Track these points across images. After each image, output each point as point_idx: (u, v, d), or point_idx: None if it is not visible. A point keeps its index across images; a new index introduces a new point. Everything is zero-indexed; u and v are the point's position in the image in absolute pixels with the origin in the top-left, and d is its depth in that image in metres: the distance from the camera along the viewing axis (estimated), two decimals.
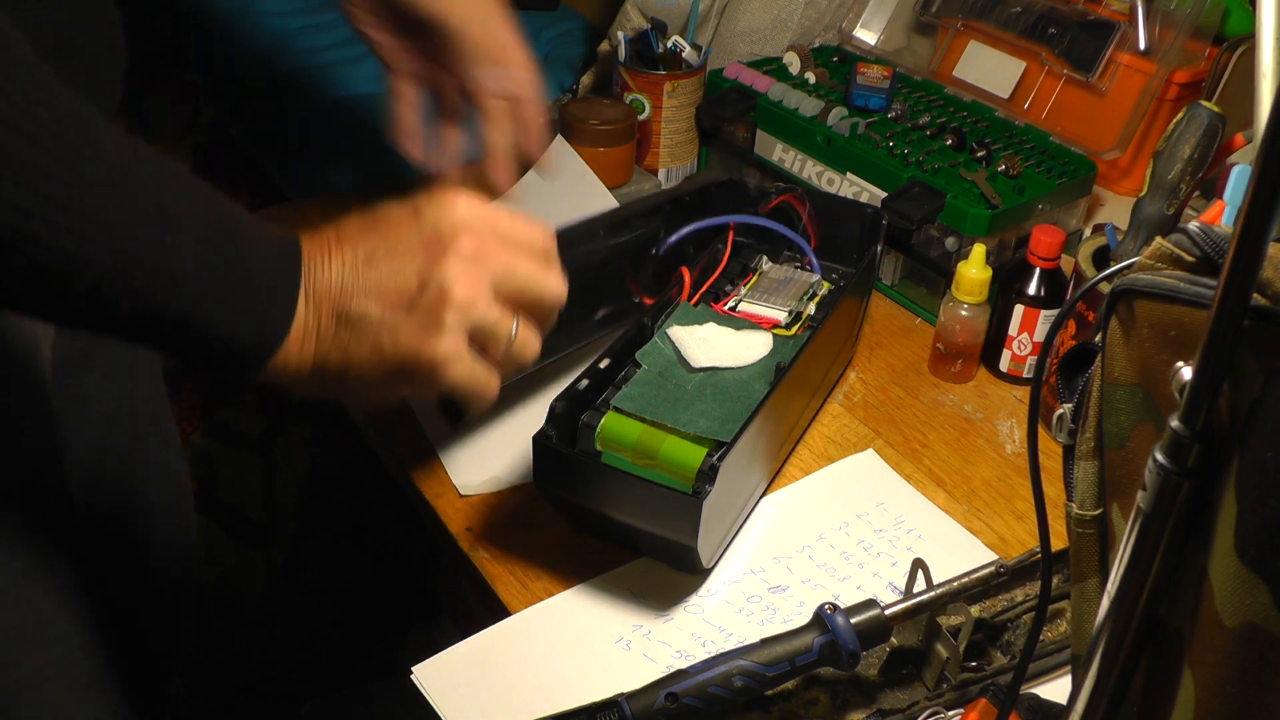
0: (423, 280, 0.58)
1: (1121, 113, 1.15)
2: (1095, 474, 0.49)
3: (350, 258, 0.58)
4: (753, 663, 0.66)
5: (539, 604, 0.76)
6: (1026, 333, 0.97)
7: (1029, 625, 0.73)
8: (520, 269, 0.61)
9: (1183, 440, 0.39)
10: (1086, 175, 1.09)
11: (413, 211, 0.60)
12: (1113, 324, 0.45)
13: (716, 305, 0.92)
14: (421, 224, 0.59)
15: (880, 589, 0.78)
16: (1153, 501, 0.40)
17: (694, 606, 0.77)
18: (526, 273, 0.62)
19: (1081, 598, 0.51)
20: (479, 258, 0.60)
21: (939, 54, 1.28)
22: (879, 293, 1.10)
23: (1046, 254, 0.95)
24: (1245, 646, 0.38)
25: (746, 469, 0.80)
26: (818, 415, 0.95)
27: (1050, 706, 0.67)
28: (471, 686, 0.70)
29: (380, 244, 0.59)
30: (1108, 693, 0.45)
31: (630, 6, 1.31)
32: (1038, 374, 0.55)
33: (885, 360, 1.02)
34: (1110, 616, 0.44)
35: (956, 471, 0.90)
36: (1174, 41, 1.14)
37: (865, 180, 1.09)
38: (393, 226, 0.60)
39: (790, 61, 1.24)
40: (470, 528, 0.82)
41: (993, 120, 1.16)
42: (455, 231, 0.59)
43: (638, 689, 0.65)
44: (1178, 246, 0.42)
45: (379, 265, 0.58)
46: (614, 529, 0.78)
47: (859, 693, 0.71)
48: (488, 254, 0.60)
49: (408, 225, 0.59)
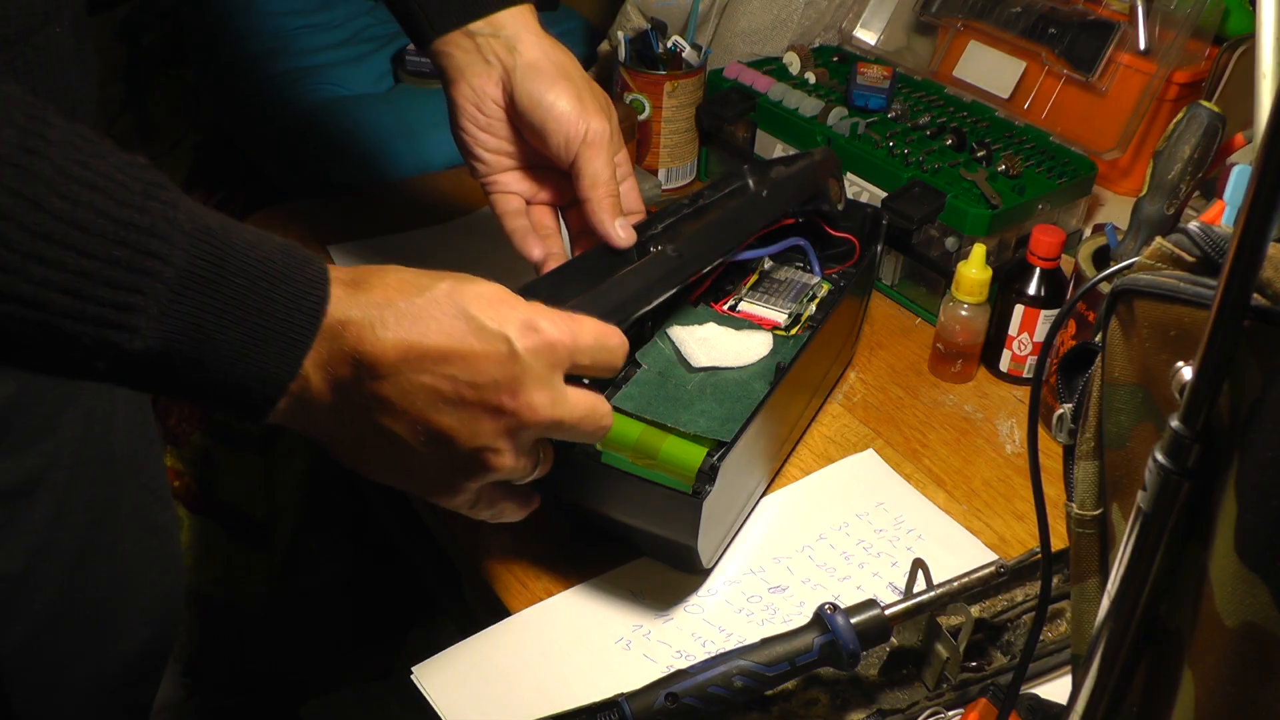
0: (477, 442, 0.54)
1: (1121, 113, 1.15)
2: (1095, 474, 0.49)
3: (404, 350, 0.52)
4: (753, 663, 0.66)
5: (539, 604, 0.76)
6: (1026, 333, 0.97)
7: (1029, 625, 0.73)
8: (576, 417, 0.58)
9: (1183, 440, 0.39)
10: (1086, 175, 1.09)
11: (506, 351, 0.54)
12: (1113, 324, 0.45)
13: (716, 305, 0.92)
14: (509, 367, 0.54)
15: (880, 589, 0.78)
16: (1153, 501, 0.40)
17: (694, 606, 0.77)
18: (579, 418, 0.58)
19: (1081, 598, 0.51)
20: (542, 424, 0.56)
21: (939, 54, 1.28)
22: (879, 293, 1.10)
23: (1046, 254, 0.95)
24: (1245, 646, 0.38)
25: (746, 469, 0.80)
26: (818, 415, 0.95)
27: (1050, 706, 0.67)
28: (471, 686, 0.70)
29: (454, 368, 0.53)
30: (1108, 693, 0.45)
31: (630, 6, 1.31)
32: (1038, 374, 0.55)
33: (885, 360, 1.02)
34: (1110, 616, 0.44)
35: (956, 471, 0.90)
36: (1174, 41, 1.14)
37: (865, 180, 1.09)
38: (476, 359, 0.53)
39: (790, 61, 1.24)
40: (470, 528, 0.82)
41: (993, 120, 1.16)
42: (529, 390, 0.55)
43: (638, 689, 0.65)
44: (1178, 246, 0.42)
45: (440, 391, 0.53)
46: (614, 529, 0.78)
47: (859, 693, 0.71)
48: (556, 408, 0.56)
49: (493, 365, 0.54)
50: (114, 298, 0.44)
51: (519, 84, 0.78)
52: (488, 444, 0.55)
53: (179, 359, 0.46)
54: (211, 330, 0.47)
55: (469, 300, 0.54)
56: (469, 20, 0.78)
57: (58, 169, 0.43)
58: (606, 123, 0.79)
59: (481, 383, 0.53)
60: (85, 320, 0.44)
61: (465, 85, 0.79)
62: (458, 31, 0.78)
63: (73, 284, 0.43)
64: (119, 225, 0.44)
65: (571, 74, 0.79)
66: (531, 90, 0.78)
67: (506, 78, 0.79)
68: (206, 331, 0.47)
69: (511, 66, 0.78)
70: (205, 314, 0.46)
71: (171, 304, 0.45)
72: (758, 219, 0.88)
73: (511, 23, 0.79)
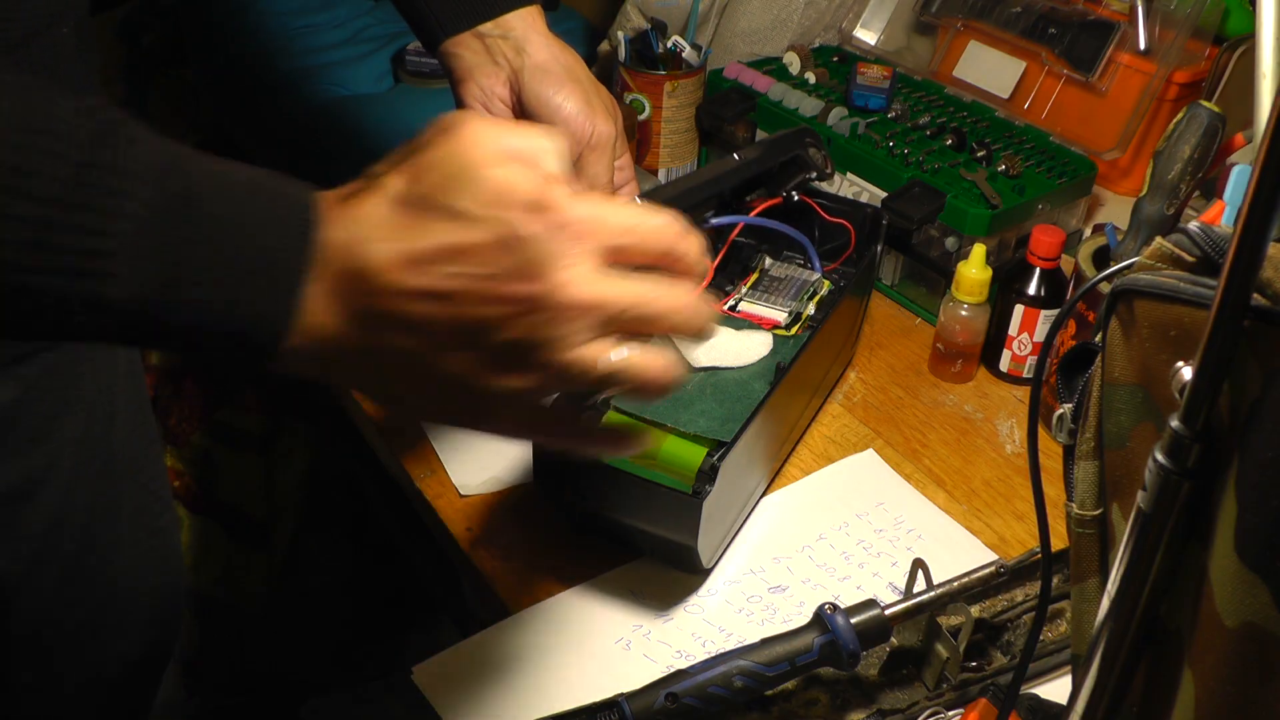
0: (507, 334, 0.47)
1: (1121, 113, 1.15)
2: (1095, 474, 0.49)
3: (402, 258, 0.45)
4: (753, 663, 0.66)
5: (539, 604, 0.76)
6: (1026, 333, 0.97)
7: (1029, 625, 0.73)
8: (646, 303, 0.49)
9: (1183, 440, 0.39)
10: (1086, 175, 1.09)
11: (509, 234, 0.46)
12: (1113, 324, 0.45)
13: (716, 305, 0.92)
14: (521, 252, 0.46)
15: (880, 589, 0.78)
16: (1153, 501, 0.40)
17: (694, 606, 0.77)
18: (652, 308, 0.49)
19: (1081, 598, 0.51)
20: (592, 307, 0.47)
21: (939, 54, 1.28)
22: (879, 293, 1.10)
23: (1046, 254, 0.95)
24: (1245, 646, 0.38)
25: (746, 469, 0.80)
26: (818, 415, 0.95)
27: (1050, 706, 0.67)
28: (471, 686, 0.70)
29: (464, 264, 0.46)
30: (1108, 693, 0.45)
31: (630, 6, 1.31)
32: (1038, 374, 0.55)
33: (885, 360, 1.02)
34: (1110, 616, 0.44)
35: (956, 471, 0.90)
36: (1174, 41, 1.14)
37: (865, 180, 1.09)
38: (477, 251, 0.46)
39: (790, 61, 1.24)
40: (470, 528, 0.82)
41: (993, 120, 1.16)
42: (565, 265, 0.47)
43: (638, 689, 0.65)
44: (1178, 246, 0.42)
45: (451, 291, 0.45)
46: (614, 529, 0.78)
47: (859, 693, 0.71)
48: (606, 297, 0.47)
49: (497, 252, 0.46)
50: (81, 244, 0.41)
51: (527, 85, 0.78)
52: (525, 336, 0.47)
53: (165, 304, 0.43)
54: (196, 267, 0.43)
55: (466, 184, 0.47)
56: (478, 22, 0.78)
57: (3, 120, 0.41)
58: (612, 126, 0.79)
59: (490, 273, 0.46)
60: (57, 272, 0.41)
61: (474, 85, 0.79)
62: (467, 33, 0.78)
63: (36, 236, 0.41)
64: (75, 168, 0.41)
65: (579, 76, 0.79)
66: (539, 91, 0.78)
67: (515, 78, 0.79)
68: (188, 268, 0.43)
69: (520, 68, 0.78)
70: (183, 251, 0.43)
71: (144, 244, 0.42)
72: (731, 176, 0.88)
73: (520, 24, 0.79)
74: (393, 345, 0.47)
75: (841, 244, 0.98)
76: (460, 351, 0.47)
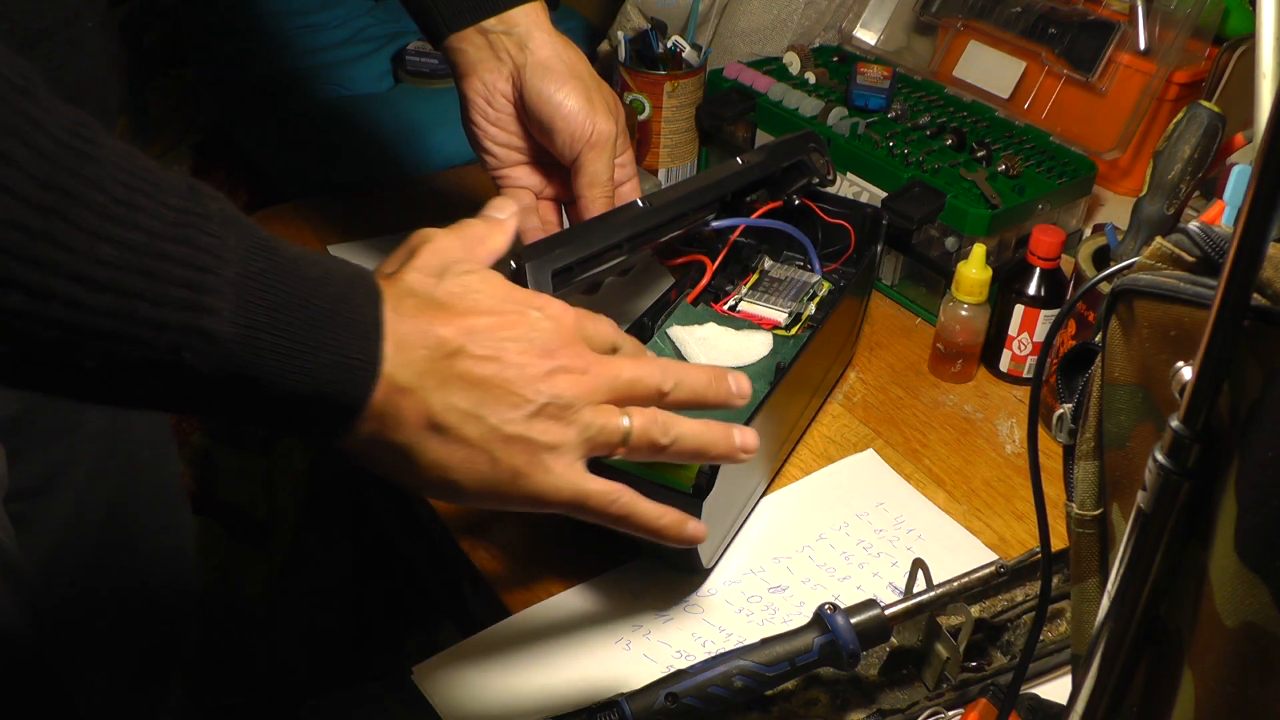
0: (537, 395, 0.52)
1: (1121, 113, 1.15)
2: (1095, 474, 0.49)
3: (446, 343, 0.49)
4: (753, 663, 0.66)
5: (539, 604, 0.76)
6: (1026, 333, 0.97)
7: (1029, 625, 0.73)
8: (623, 373, 0.56)
9: (1183, 440, 0.39)
10: (1086, 175, 1.09)
11: (521, 309, 0.52)
12: (1113, 324, 0.45)
13: (716, 305, 0.92)
14: (540, 328, 0.52)
15: (880, 589, 0.78)
16: (1153, 501, 0.40)
17: (694, 606, 0.77)
18: (629, 376, 0.57)
19: (1081, 598, 0.51)
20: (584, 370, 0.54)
21: (939, 54, 1.28)
22: (879, 293, 1.10)
23: (1046, 254, 0.95)
24: (1245, 646, 0.38)
25: (746, 469, 0.80)
26: (818, 415, 0.95)
27: (1050, 706, 0.67)
28: (471, 686, 0.70)
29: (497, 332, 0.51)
30: (1108, 693, 0.45)
31: (630, 6, 1.31)
32: (1038, 374, 0.55)
33: (885, 360, 1.02)
34: (1110, 616, 0.44)
35: (956, 471, 0.90)
36: (1174, 41, 1.14)
37: (865, 180, 1.09)
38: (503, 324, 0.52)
39: (790, 61, 1.24)
40: (470, 528, 0.82)
41: (993, 120, 1.16)
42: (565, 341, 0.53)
43: (638, 689, 0.65)
44: (1178, 246, 0.42)
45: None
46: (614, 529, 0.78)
47: (859, 693, 0.71)
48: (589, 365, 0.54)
49: (523, 324, 0.52)
50: (188, 277, 0.41)
51: (529, 81, 0.78)
52: (551, 397, 0.52)
53: (264, 344, 0.43)
54: (290, 310, 0.44)
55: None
56: (482, 17, 0.79)
57: (111, 161, 0.41)
58: (613, 124, 0.79)
59: (511, 337, 0.51)
60: (165, 303, 0.41)
61: (476, 80, 0.80)
62: (471, 29, 0.79)
63: (144, 264, 0.41)
64: (177, 211, 0.42)
65: (582, 73, 0.79)
66: (541, 88, 0.78)
67: (517, 74, 0.79)
68: (283, 313, 0.44)
69: (523, 64, 0.78)
70: (278, 295, 0.44)
71: (246, 284, 0.43)
72: (734, 180, 0.89)
73: (524, 20, 0.79)
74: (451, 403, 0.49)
75: (842, 246, 0.98)
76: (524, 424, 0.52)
